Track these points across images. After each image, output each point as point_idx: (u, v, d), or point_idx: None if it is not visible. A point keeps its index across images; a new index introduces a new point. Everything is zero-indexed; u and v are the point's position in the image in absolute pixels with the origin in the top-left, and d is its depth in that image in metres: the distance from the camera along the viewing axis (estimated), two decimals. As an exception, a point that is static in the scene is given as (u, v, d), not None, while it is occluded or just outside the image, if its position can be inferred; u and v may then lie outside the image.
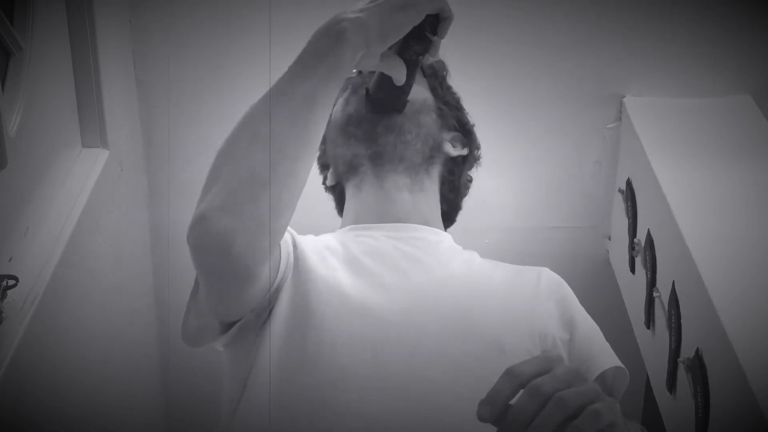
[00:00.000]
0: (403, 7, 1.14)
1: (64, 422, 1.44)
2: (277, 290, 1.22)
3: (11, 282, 1.28)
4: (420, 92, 1.44)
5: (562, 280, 1.37)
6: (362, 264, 1.27)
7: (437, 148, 1.44)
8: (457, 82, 1.95)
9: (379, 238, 1.33)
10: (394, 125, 1.38)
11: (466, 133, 1.51)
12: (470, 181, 1.54)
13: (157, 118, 2.00)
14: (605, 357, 1.27)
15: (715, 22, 1.90)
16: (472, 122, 1.53)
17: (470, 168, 1.53)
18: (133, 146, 1.96)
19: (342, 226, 1.43)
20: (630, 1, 1.89)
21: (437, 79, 1.52)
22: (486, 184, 2.04)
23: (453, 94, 1.53)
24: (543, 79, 1.95)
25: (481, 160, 1.54)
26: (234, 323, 1.22)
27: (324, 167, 1.52)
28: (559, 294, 1.33)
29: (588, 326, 1.31)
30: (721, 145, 1.78)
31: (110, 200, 1.74)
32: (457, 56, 1.93)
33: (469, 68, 1.95)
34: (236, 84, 1.96)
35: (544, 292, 1.32)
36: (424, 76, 1.49)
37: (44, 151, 1.54)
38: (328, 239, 1.35)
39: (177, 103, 1.99)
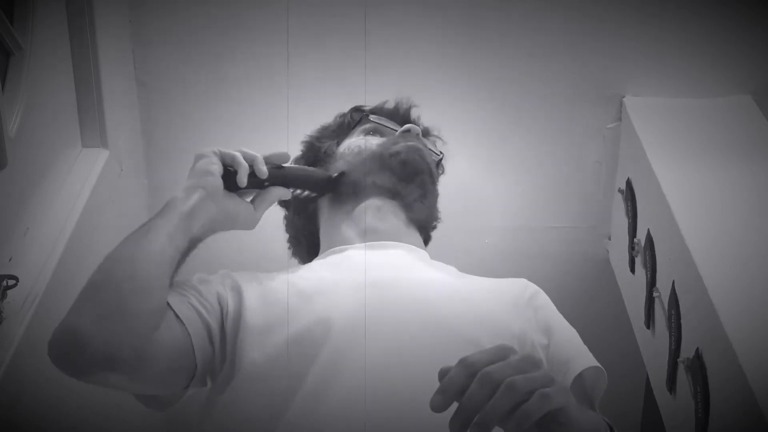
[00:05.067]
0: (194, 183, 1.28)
1: (64, 422, 1.44)
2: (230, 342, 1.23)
3: (11, 282, 1.28)
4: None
5: (540, 289, 1.38)
6: (336, 283, 1.28)
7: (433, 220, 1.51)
8: (457, 82, 1.96)
9: (353, 256, 1.34)
10: (425, 184, 1.45)
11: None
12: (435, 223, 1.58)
13: (157, 118, 2.00)
14: (583, 358, 1.27)
15: (715, 22, 1.90)
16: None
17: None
18: (133, 146, 1.96)
19: (322, 251, 1.44)
20: (630, 1, 1.89)
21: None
22: (486, 184, 2.06)
23: None
24: (543, 79, 1.95)
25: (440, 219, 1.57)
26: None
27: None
28: (537, 302, 1.34)
29: (565, 330, 1.32)
30: (721, 145, 1.78)
31: (110, 200, 1.74)
32: (457, 56, 1.94)
33: (469, 68, 1.96)
34: (236, 84, 1.96)
35: (523, 300, 1.33)
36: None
37: (44, 151, 1.54)
38: (301, 271, 1.36)
39: (177, 104, 1.99)
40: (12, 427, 1.22)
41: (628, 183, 1.89)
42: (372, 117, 1.54)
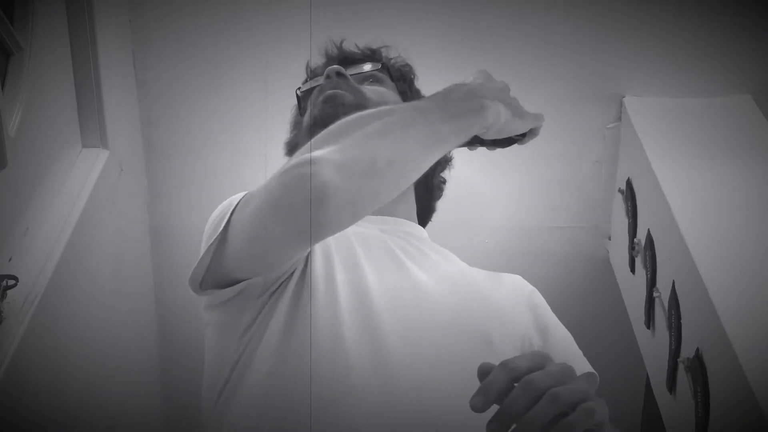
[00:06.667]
0: (521, 117, 1.23)
1: (64, 422, 1.44)
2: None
3: (11, 282, 1.28)
4: (390, 96, 1.46)
5: (535, 289, 1.38)
6: (357, 255, 1.27)
7: None
8: (456, 81, 1.96)
9: (371, 229, 1.33)
10: None
11: None
12: (444, 182, 1.55)
13: (157, 118, 2.00)
14: (577, 364, 1.27)
15: (715, 21, 1.90)
16: None
17: (443, 170, 1.54)
18: (133, 146, 1.96)
19: None
20: (630, 1, 1.89)
21: (405, 83, 1.55)
22: (486, 184, 2.06)
23: (422, 96, 1.54)
24: (543, 78, 1.95)
25: (453, 161, 1.55)
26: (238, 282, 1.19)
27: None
28: (533, 302, 1.35)
29: (561, 334, 1.32)
30: (721, 145, 1.78)
31: (110, 200, 1.74)
32: (457, 56, 1.94)
33: (469, 68, 1.95)
34: (235, 84, 1.96)
35: (521, 298, 1.34)
36: (392, 80, 1.52)
37: (44, 151, 1.54)
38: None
39: (177, 103, 1.99)
40: (12, 427, 1.22)
41: (628, 183, 1.89)
42: (303, 88, 1.50)
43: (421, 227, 1.43)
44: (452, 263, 1.37)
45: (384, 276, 1.26)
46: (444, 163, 1.54)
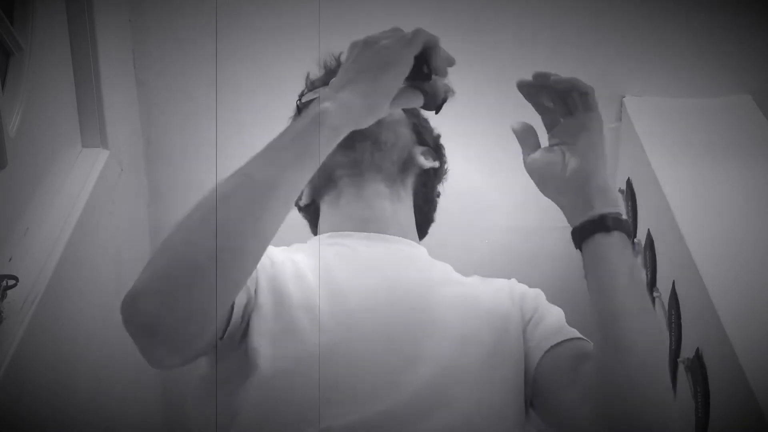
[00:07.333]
0: (383, 67, 1.08)
1: (64, 422, 1.44)
2: (248, 318, 1.20)
3: (11, 282, 1.28)
4: None
5: (527, 288, 1.38)
6: (341, 276, 1.28)
7: (411, 160, 1.47)
8: (456, 82, 1.96)
9: (358, 248, 1.34)
10: (370, 133, 1.36)
11: (436, 147, 1.54)
12: (438, 196, 1.56)
13: (157, 118, 2.00)
14: (569, 330, 1.27)
15: (715, 21, 1.90)
16: (439, 134, 1.55)
17: (440, 181, 1.55)
18: (133, 146, 1.96)
19: (320, 233, 1.43)
20: (630, 1, 1.89)
21: None
22: (487, 184, 2.06)
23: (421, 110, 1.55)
24: (543, 79, 1.95)
25: (448, 173, 1.56)
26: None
27: None
28: (528, 297, 1.35)
29: (552, 309, 1.33)
30: (721, 145, 1.78)
31: (110, 200, 1.74)
32: (457, 55, 1.94)
33: (469, 68, 1.95)
34: (235, 83, 1.96)
35: (517, 299, 1.34)
36: None
37: (44, 151, 1.54)
38: (304, 249, 1.35)
39: (177, 104, 1.99)
40: (12, 427, 1.22)
41: (628, 183, 1.89)
42: (303, 99, 1.49)
43: (414, 242, 1.43)
44: (447, 276, 1.37)
45: (370, 295, 1.26)
46: (441, 174, 1.55)
